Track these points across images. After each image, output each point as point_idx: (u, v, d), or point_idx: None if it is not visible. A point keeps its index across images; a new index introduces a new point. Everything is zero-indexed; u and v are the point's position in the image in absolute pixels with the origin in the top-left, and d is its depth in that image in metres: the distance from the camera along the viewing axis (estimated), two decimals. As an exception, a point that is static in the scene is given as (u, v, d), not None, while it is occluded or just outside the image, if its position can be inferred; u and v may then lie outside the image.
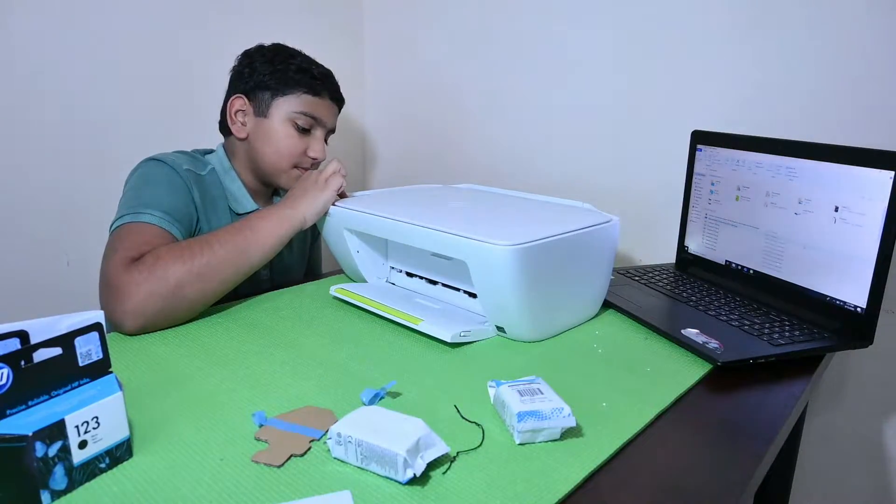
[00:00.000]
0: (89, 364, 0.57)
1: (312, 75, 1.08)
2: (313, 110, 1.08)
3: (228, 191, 1.09)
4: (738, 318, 0.90)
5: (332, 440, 0.59)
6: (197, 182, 1.03)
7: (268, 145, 1.08)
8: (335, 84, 1.13)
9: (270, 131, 1.07)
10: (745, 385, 0.76)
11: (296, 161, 1.09)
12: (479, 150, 1.49)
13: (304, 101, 1.08)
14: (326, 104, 1.10)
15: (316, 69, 1.09)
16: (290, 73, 1.07)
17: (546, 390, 0.66)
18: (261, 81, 1.07)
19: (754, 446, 0.63)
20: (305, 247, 1.25)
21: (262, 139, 1.08)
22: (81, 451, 0.54)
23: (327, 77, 1.11)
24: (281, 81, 1.07)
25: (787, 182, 0.94)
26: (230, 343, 0.84)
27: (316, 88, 1.08)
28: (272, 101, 1.07)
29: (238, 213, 1.09)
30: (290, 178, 1.10)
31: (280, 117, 1.07)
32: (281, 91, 1.07)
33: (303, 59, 1.10)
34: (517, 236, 0.78)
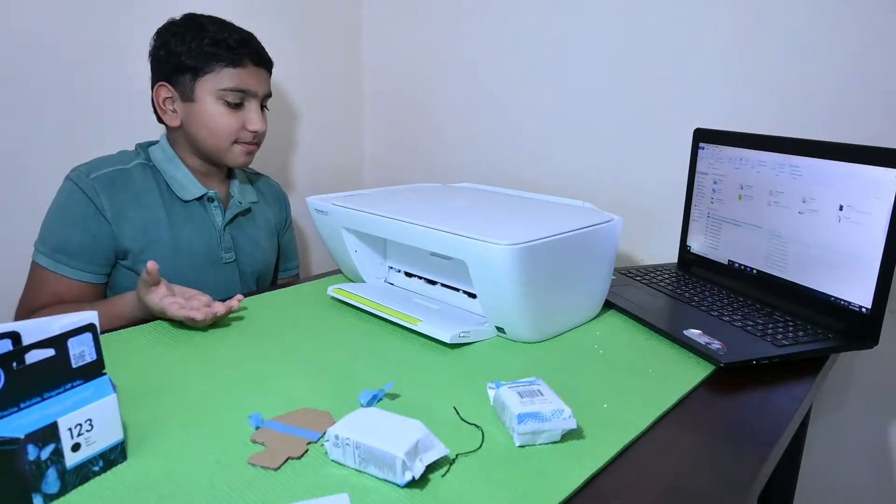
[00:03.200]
0: (83, 365, 0.57)
1: (228, 45, 1.03)
2: (239, 83, 1.04)
3: (173, 179, 1.07)
4: (741, 319, 0.90)
5: (330, 442, 0.58)
6: (111, 184, 1.01)
7: (202, 129, 1.05)
8: (256, 47, 1.07)
9: (201, 114, 1.05)
10: (749, 387, 0.76)
11: (235, 138, 1.07)
12: (478, 149, 1.49)
13: (227, 75, 1.04)
14: (251, 72, 1.06)
15: (231, 37, 1.04)
16: (204, 49, 1.02)
17: (546, 392, 0.66)
18: (178, 63, 1.03)
19: (757, 449, 0.63)
20: (275, 236, 1.24)
21: (196, 124, 1.05)
22: (75, 454, 0.54)
23: (246, 42, 1.05)
24: (197, 59, 1.02)
25: (791, 180, 0.94)
26: (226, 344, 0.84)
27: (235, 59, 1.03)
28: (194, 83, 1.03)
29: (186, 199, 1.08)
30: (235, 156, 1.08)
31: (207, 98, 1.04)
32: (200, 70, 1.03)
33: (216, 29, 1.04)
34: (517, 236, 0.78)
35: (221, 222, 1.11)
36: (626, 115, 1.25)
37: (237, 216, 1.14)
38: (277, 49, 1.43)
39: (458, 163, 1.53)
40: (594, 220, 0.89)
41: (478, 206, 1.00)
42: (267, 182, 1.27)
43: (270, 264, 1.23)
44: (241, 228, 1.15)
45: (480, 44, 1.43)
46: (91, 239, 1.01)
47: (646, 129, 1.23)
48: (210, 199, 1.10)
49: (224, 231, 1.12)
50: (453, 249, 0.83)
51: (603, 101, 1.27)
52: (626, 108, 1.24)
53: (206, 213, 1.10)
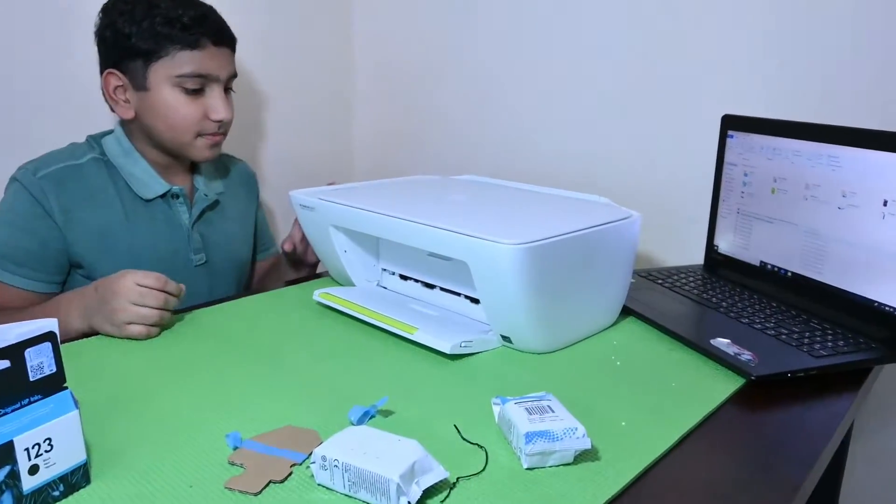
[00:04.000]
0: (41, 379, 0.57)
1: (183, 24, 0.99)
2: (197, 67, 1.01)
3: (130, 175, 1.06)
4: (774, 327, 0.90)
5: (317, 464, 0.58)
6: (60, 183, 1.00)
7: (159, 121, 1.03)
8: (216, 23, 1.04)
9: (157, 105, 1.02)
10: (783, 402, 0.76)
11: (197, 130, 1.05)
12: (482, 138, 1.49)
13: (183, 59, 1.00)
14: (211, 53, 1.03)
15: (186, 13, 1.00)
16: (156, 29, 0.98)
17: (557, 408, 0.66)
18: (127, 47, 0.99)
19: (793, 472, 0.63)
20: (250, 222, 1.24)
21: (151, 115, 1.03)
22: (32, 478, 0.54)
23: (203, 19, 1.02)
24: (148, 42, 0.99)
25: (830, 173, 0.94)
26: (200, 355, 0.84)
27: (192, 40, 1.00)
28: (147, 70, 1.00)
29: (146, 198, 1.06)
30: (199, 149, 1.07)
31: (162, 86, 1.01)
32: (152, 55, 1.00)
33: (170, 5, 1.00)
34: (525, 234, 0.78)
35: (189, 220, 1.11)
36: (646, 100, 1.25)
37: (205, 211, 1.14)
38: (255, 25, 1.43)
39: (459, 153, 1.53)
40: (611, 216, 0.89)
41: (481, 200, 1.01)
42: (232, 163, 1.25)
43: (247, 259, 1.23)
44: (210, 224, 1.15)
45: (485, 20, 1.43)
46: (40, 245, 1.00)
47: (668, 116, 1.23)
48: (174, 196, 1.09)
49: (192, 230, 1.11)
50: (454, 249, 0.83)
51: (620, 85, 1.27)
52: (647, 91, 1.24)
53: (170, 212, 1.09)
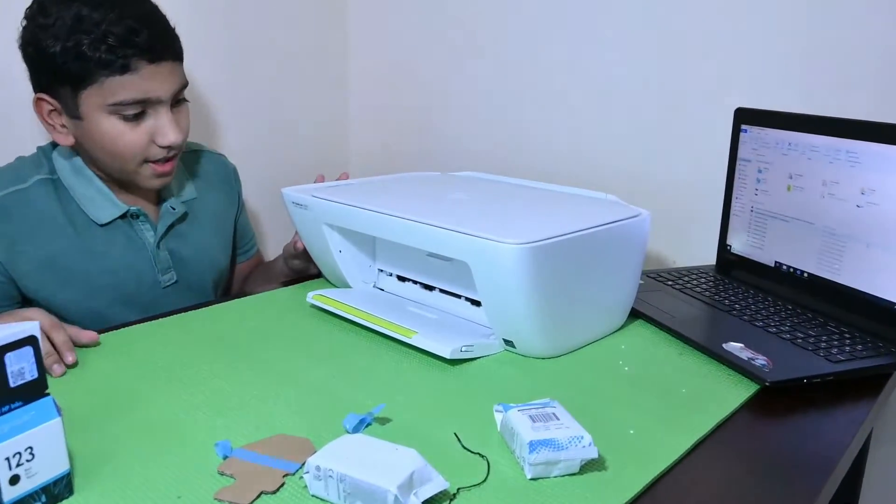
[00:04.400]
0: (22, 385, 0.57)
1: (109, 46, 0.89)
2: (133, 94, 0.92)
3: (82, 197, 1.00)
4: (789, 330, 0.90)
5: (310, 474, 0.59)
6: (3, 213, 0.96)
7: (98, 150, 0.97)
8: (152, 36, 0.92)
9: (94, 133, 0.95)
10: (798, 409, 0.76)
11: (143, 156, 0.97)
12: (483, 132, 1.49)
13: (114, 86, 0.91)
14: (149, 73, 0.93)
15: (114, 30, 0.89)
16: (80, 51, 0.89)
17: (562, 415, 0.66)
18: (52, 70, 0.91)
19: (809, 482, 0.64)
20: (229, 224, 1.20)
21: (90, 143, 0.96)
22: (13, 488, 0.54)
23: (134, 35, 0.90)
24: (74, 67, 0.90)
25: (849, 169, 0.94)
26: (188, 360, 0.84)
27: (122, 64, 0.90)
28: (77, 98, 0.92)
29: (101, 223, 1.01)
30: (145, 178, 1.00)
31: (96, 115, 0.93)
32: (80, 82, 0.91)
33: (93, 18, 0.89)
34: (528, 233, 0.79)
35: (154, 239, 1.06)
36: (655, 92, 1.25)
37: (174, 225, 1.09)
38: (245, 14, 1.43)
39: (459, 148, 1.53)
40: (619, 214, 0.90)
41: (483, 198, 1.01)
42: (208, 159, 1.19)
43: (225, 267, 1.19)
44: (181, 238, 1.10)
45: (486, 11, 1.43)
46: None
47: (679, 109, 1.23)
48: (134, 216, 1.04)
49: (158, 249, 1.06)
50: (454, 249, 0.83)
51: (627, 76, 1.27)
52: (656, 83, 1.24)
53: (131, 231, 1.04)
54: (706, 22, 1.18)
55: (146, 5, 0.96)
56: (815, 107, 1.08)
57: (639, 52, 1.25)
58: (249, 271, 1.30)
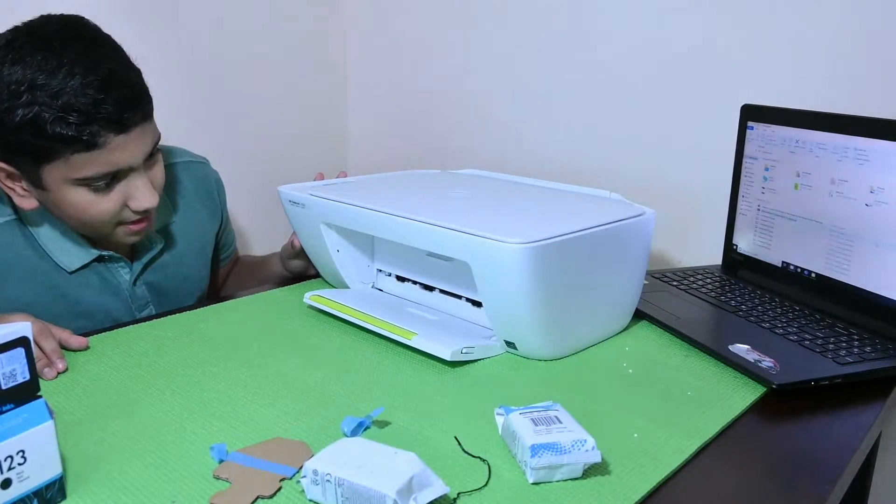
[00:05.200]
0: (14, 387, 0.57)
1: (72, 124, 0.82)
2: (103, 167, 0.86)
3: (49, 242, 0.96)
4: (796, 332, 0.90)
5: (307, 479, 0.59)
6: None
7: (66, 217, 0.92)
8: (118, 103, 0.85)
9: (61, 203, 0.89)
10: (806, 412, 0.76)
11: (116, 221, 0.92)
12: (484, 129, 1.49)
13: (80, 163, 0.85)
14: (118, 144, 0.86)
15: (77, 103, 0.82)
16: (40, 127, 0.82)
17: (565, 419, 0.66)
18: (8, 140, 0.84)
19: (816, 486, 0.64)
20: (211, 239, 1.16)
21: (57, 210, 0.92)
22: (5, 492, 0.54)
23: (97, 107, 0.83)
24: (35, 141, 0.83)
25: (857, 167, 0.94)
26: (183, 362, 0.84)
27: (87, 141, 0.84)
28: (39, 170, 0.86)
29: (70, 270, 0.97)
30: (121, 237, 0.95)
31: (63, 187, 0.87)
32: (42, 157, 0.85)
33: (54, 88, 0.82)
34: (530, 232, 0.79)
35: (130, 278, 1.03)
36: (660, 88, 1.25)
37: (152, 260, 1.05)
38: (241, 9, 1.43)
39: (460, 146, 1.54)
40: (623, 213, 0.90)
41: (484, 196, 1.01)
42: (187, 171, 1.12)
43: (206, 284, 1.16)
44: (159, 270, 1.06)
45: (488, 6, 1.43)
46: None
47: (684, 106, 1.23)
48: (107, 259, 1.01)
49: (135, 287, 1.04)
50: (454, 249, 0.83)
51: (631, 73, 1.27)
52: (660, 79, 1.24)
53: (106, 272, 1.01)
54: (712, 18, 1.18)
55: (108, 62, 0.86)
56: (823, 103, 1.08)
57: (643, 49, 1.25)
58: (230, 271, 1.28)
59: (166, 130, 1.29)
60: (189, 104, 1.39)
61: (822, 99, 1.09)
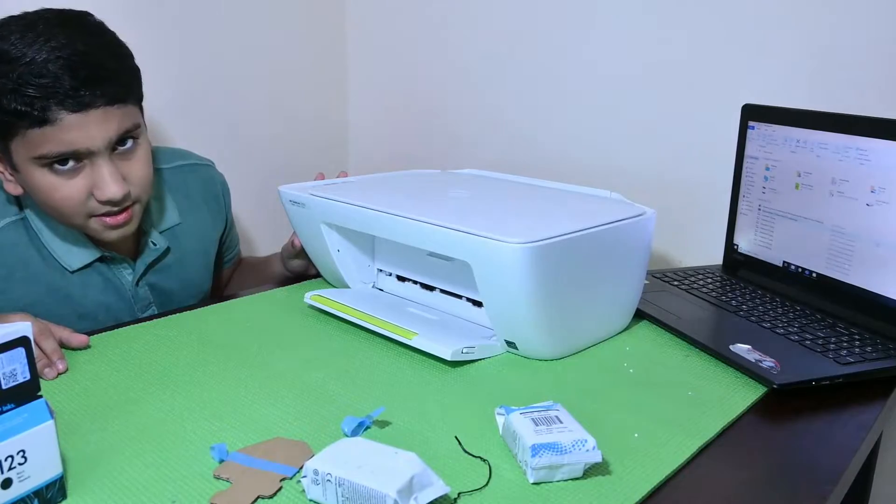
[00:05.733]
0: (14, 387, 0.57)
1: (26, 97, 0.81)
2: (57, 146, 0.84)
3: (52, 241, 0.96)
4: (797, 332, 0.90)
5: (308, 478, 0.59)
6: None
7: (39, 203, 0.91)
8: (80, 80, 0.83)
9: (31, 186, 0.89)
10: (807, 412, 0.76)
11: (86, 211, 0.90)
12: (484, 129, 1.49)
13: (36, 138, 0.84)
14: (73, 123, 0.83)
15: (35, 77, 0.81)
16: (2, 101, 0.82)
17: (566, 418, 0.66)
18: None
19: (817, 487, 0.64)
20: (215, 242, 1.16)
21: (31, 195, 0.91)
22: (5, 492, 0.54)
23: (55, 81, 0.81)
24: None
25: (858, 166, 0.94)
26: (184, 361, 0.84)
27: (39, 116, 0.82)
28: (7, 148, 0.86)
29: (72, 269, 0.97)
30: (99, 231, 0.93)
31: (28, 167, 0.86)
32: (4, 132, 0.85)
33: (13, 65, 0.81)
34: (531, 232, 0.79)
35: (132, 278, 1.03)
36: (660, 87, 1.25)
37: (156, 260, 1.05)
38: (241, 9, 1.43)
39: (460, 146, 1.54)
40: (623, 213, 0.90)
41: (484, 196, 1.01)
42: (193, 173, 1.13)
43: (209, 286, 1.16)
44: (162, 272, 1.06)
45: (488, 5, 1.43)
46: None
47: (685, 105, 1.23)
48: (109, 259, 1.01)
49: (138, 287, 1.04)
50: (455, 249, 0.83)
51: (631, 71, 1.27)
52: (661, 78, 1.24)
53: (108, 272, 1.01)
54: (713, 17, 1.18)
55: (86, 45, 0.84)
56: (824, 103, 1.08)
57: (644, 48, 1.25)
58: (233, 272, 1.29)
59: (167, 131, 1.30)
60: (189, 104, 1.39)
61: (823, 99, 1.09)
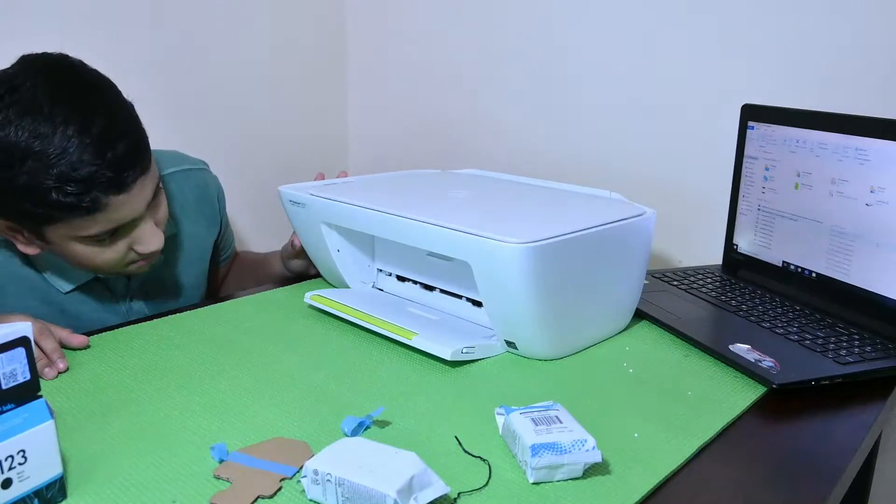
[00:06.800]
0: (14, 387, 0.57)
1: (70, 193, 0.80)
2: (106, 225, 0.85)
3: (44, 264, 0.95)
4: (797, 332, 0.90)
5: (308, 479, 0.59)
6: None
7: (75, 264, 0.91)
8: (117, 166, 0.82)
9: (66, 254, 0.89)
10: (806, 412, 0.76)
11: (125, 263, 0.92)
12: (484, 130, 1.49)
13: (83, 225, 0.84)
14: (119, 203, 0.84)
15: (76, 173, 0.79)
16: (37, 195, 0.80)
17: (566, 418, 0.66)
18: (8, 203, 0.83)
19: (817, 487, 0.64)
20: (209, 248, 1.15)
21: (67, 259, 0.91)
22: (5, 492, 0.54)
23: (97, 170, 0.80)
24: (31, 208, 0.82)
25: (858, 167, 0.94)
26: (183, 361, 0.84)
27: (88, 207, 0.82)
28: (42, 230, 0.85)
29: (64, 291, 0.97)
30: (133, 270, 0.94)
31: (66, 242, 0.87)
32: (43, 221, 0.84)
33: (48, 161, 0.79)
34: (531, 232, 0.79)
35: (127, 294, 1.03)
36: (660, 87, 1.25)
37: (149, 274, 1.03)
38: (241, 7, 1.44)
39: (460, 146, 1.54)
40: (623, 213, 0.90)
41: (484, 196, 1.01)
42: (187, 180, 1.10)
43: (204, 290, 1.15)
44: (157, 283, 1.06)
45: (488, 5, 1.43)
46: None
47: (684, 105, 1.23)
48: (104, 278, 1.00)
49: (132, 301, 1.04)
50: (455, 249, 0.83)
51: (630, 71, 1.27)
52: (660, 78, 1.25)
53: (102, 288, 1.01)
54: (713, 17, 1.18)
55: (100, 114, 0.82)
56: (823, 103, 1.08)
57: (643, 50, 1.25)
58: (229, 268, 1.28)
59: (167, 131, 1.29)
60: (189, 104, 1.39)
61: (823, 99, 1.09)
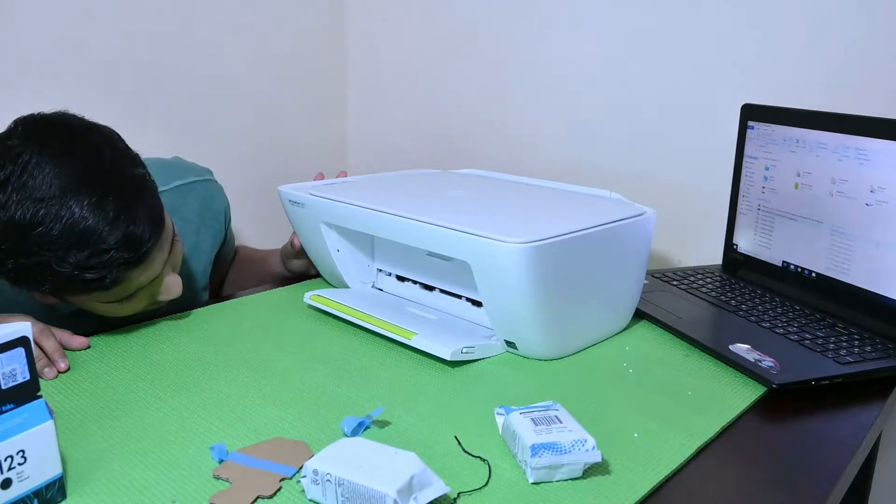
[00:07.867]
0: (13, 387, 0.57)
1: (94, 274, 0.79)
2: (129, 289, 0.85)
3: None
4: (797, 331, 0.90)
5: (308, 479, 0.59)
6: None
7: (97, 312, 0.90)
8: (135, 239, 0.80)
9: (87, 308, 0.89)
10: (806, 412, 0.76)
11: (147, 308, 0.92)
12: (484, 130, 1.49)
13: (105, 296, 0.85)
14: (140, 271, 0.84)
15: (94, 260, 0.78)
16: (58, 282, 0.80)
17: (565, 418, 0.66)
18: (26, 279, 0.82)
19: (816, 486, 0.64)
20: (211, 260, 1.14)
21: (89, 311, 0.90)
22: (5, 493, 0.54)
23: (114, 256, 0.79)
24: (51, 282, 0.81)
25: (858, 166, 0.94)
26: (183, 361, 0.84)
27: (110, 284, 0.82)
28: (60, 295, 0.86)
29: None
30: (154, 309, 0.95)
31: (88, 303, 0.87)
32: (63, 292, 0.84)
33: (61, 257, 0.77)
34: (530, 232, 0.79)
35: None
36: (659, 87, 1.25)
37: None
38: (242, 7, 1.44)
39: (460, 146, 1.54)
40: (623, 213, 0.90)
41: (484, 196, 1.01)
42: (193, 193, 1.11)
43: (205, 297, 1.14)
44: None
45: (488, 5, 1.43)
46: None
47: (684, 105, 1.23)
48: None
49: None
50: (455, 248, 0.83)
51: (632, 72, 1.27)
52: (661, 78, 1.25)
53: None
54: (712, 17, 1.18)
55: (111, 188, 0.80)
56: (823, 103, 1.08)
57: (644, 48, 1.25)
58: (230, 266, 1.28)
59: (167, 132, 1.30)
60: (189, 104, 1.39)
61: (823, 98, 1.09)
